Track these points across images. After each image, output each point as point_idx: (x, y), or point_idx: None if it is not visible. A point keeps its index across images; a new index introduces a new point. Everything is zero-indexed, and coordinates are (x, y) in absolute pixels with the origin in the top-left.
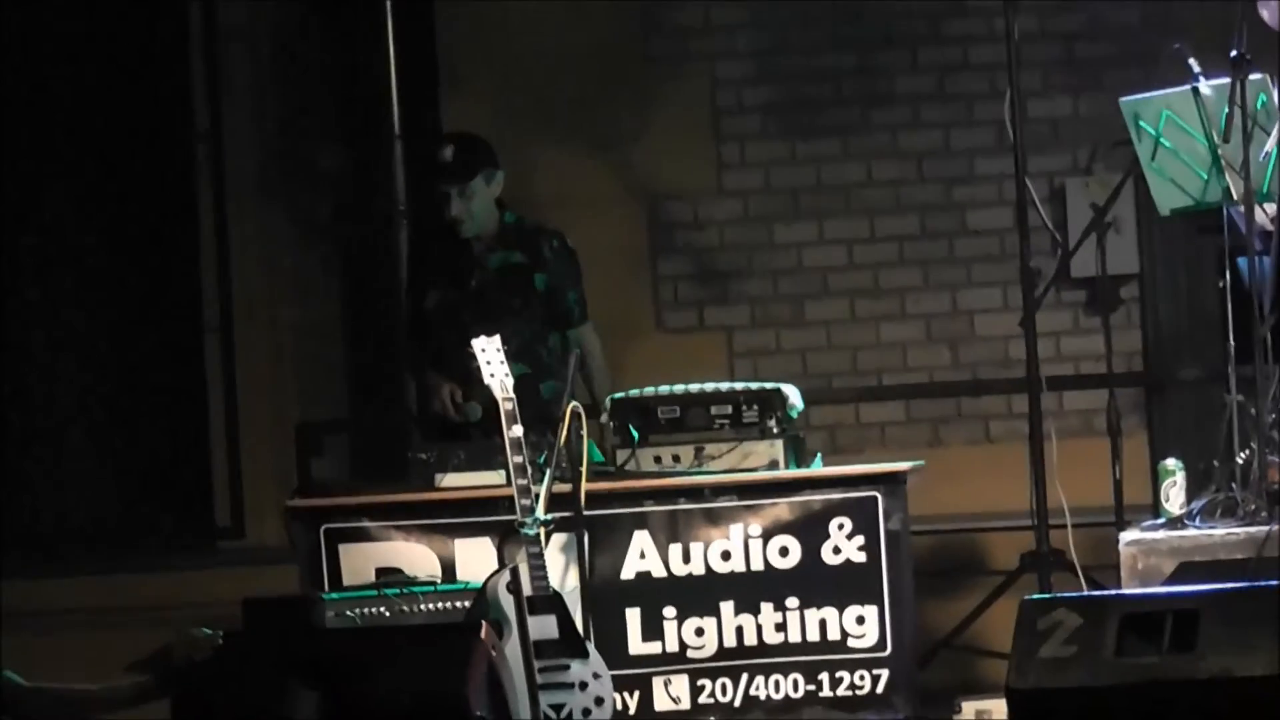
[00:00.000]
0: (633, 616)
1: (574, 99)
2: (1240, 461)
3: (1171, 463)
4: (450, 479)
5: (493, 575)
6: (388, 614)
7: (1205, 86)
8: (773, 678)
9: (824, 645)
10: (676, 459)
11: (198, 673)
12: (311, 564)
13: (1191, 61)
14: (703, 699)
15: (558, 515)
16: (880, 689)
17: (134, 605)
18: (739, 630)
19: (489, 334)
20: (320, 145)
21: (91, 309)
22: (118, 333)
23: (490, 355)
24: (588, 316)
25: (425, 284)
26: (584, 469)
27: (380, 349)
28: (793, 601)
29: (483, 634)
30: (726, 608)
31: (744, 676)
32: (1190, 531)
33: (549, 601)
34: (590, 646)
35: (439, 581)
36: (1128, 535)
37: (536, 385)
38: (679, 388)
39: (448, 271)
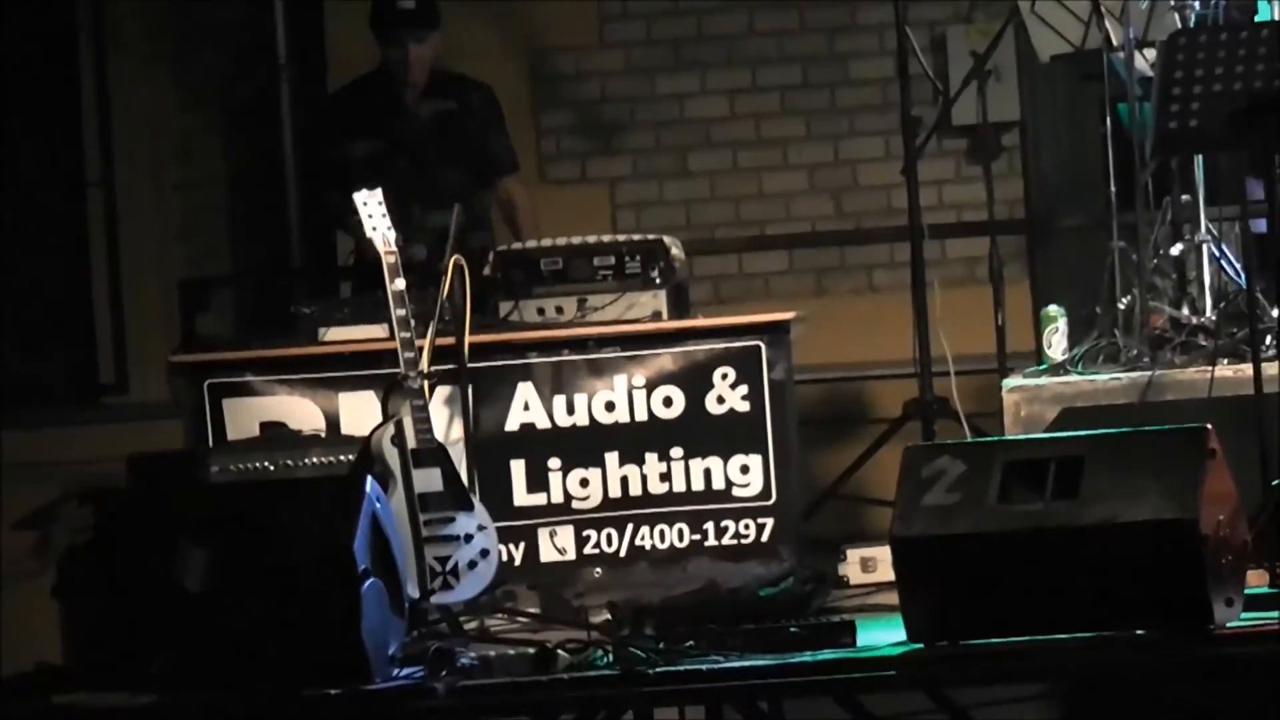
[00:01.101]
0: (517, 468)
1: None
2: (1122, 307)
3: (1054, 309)
4: (334, 333)
5: (377, 428)
6: (272, 468)
7: None
8: (658, 528)
9: (709, 495)
10: (560, 310)
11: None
12: (196, 420)
13: None
14: (588, 550)
15: (441, 368)
16: (765, 538)
17: (17, 462)
18: (624, 481)
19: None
20: None
21: None
22: None
23: (372, 209)
24: (518, 167)
25: (349, 133)
26: (467, 321)
27: (265, 204)
28: (677, 452)
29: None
30: (611, 458)
31: (629, 527)
32: (1073, 378)
33: (433, 454)
34: (475, 499)
35: (323, 435)
36: (1010, 383)
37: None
38: (561, 240)
39: (375, 121)
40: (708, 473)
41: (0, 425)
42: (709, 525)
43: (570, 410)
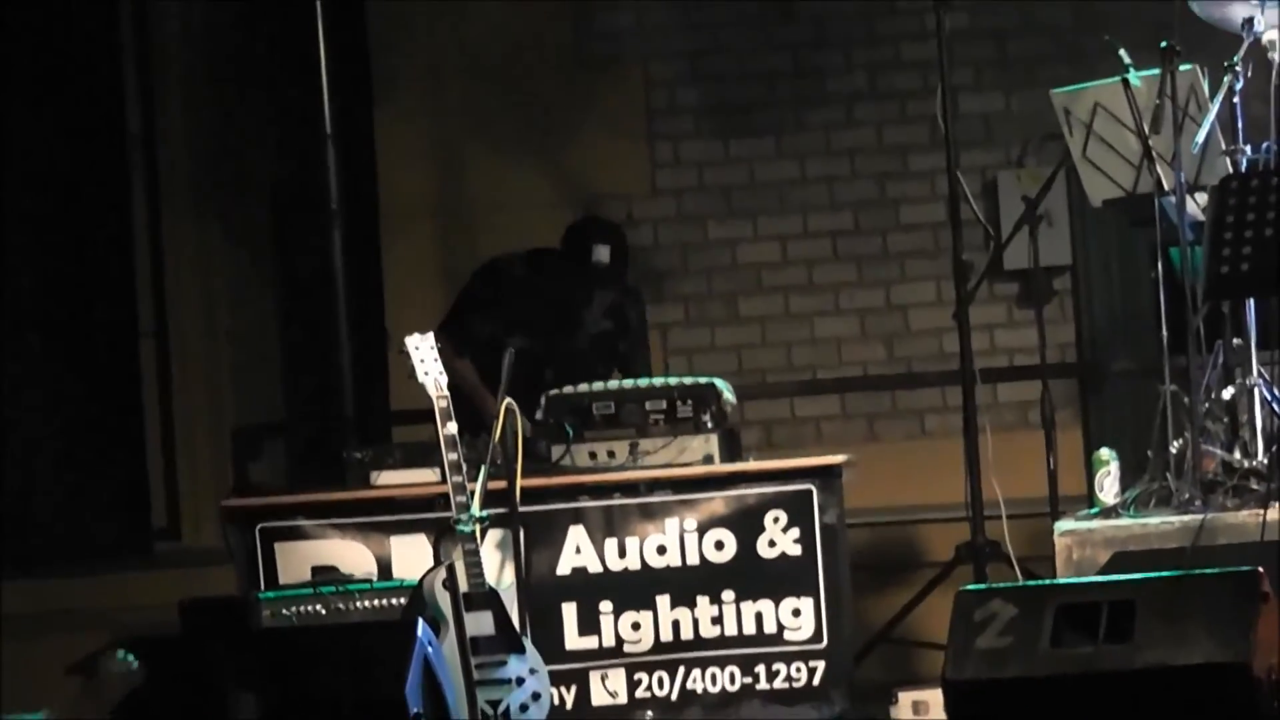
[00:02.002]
0: (569, 612)
1: (507, 100)
2: (1174, 451)
3: (1105, 453)
4: (385, 477)
5: (429, 572)
6: (324, 613)
7: (1135, 78)
8: (709, 671)
9: (760, 638)
10: (612, 455)
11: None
12: (248, 564)
13: (1122, 53)
14: (640, 693)
15: (493, 511)
16: (817, 681)
17: (70, 608)
18: (675, 624)
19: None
20: (254, 147)
21: (25, 313)
22: (52, 336)
23: (424, 354)
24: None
25: (509, 324)
26: (519, 465)
27: (315, 350)
28: (729, 595)
29: None
30: (663, 602)
31: (681, 670)
32: (1125, 521)
33: (485, 598)
34: (527, 642)
35: (375, 579)
36: (1062, 526)
37: None
38: (613, 384)
39: (539, 324)
40: (759, 616)
41: (53, 571)
42: (760, 669)
43: (622, 554)
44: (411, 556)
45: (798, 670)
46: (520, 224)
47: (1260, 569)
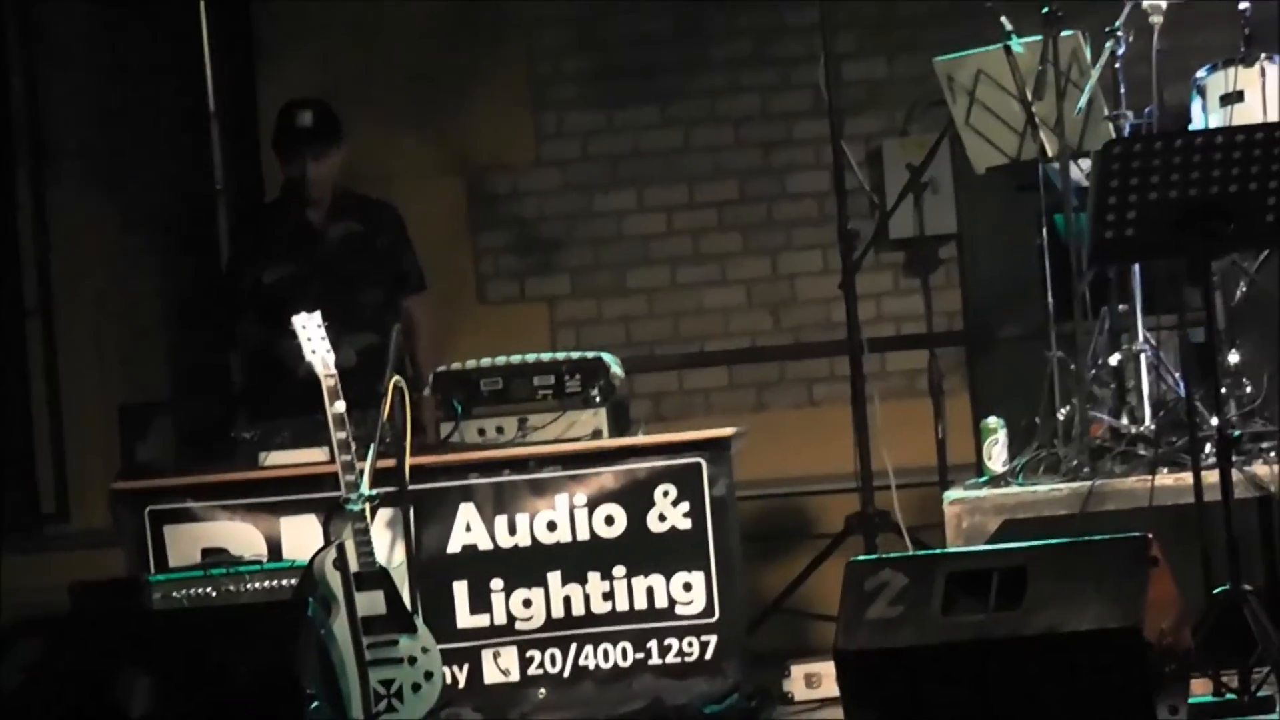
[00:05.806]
0: (460, 590)
1: (392, 70)
2: (1061, 418)
3: (993, 421)
4: (274, 457)
5: (319, 552)
6: (214, 594)
7: (1017, 44)
8: (602, 647)
9: (652, 613)
10: (500, 431)
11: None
12: (138, 546)
13: (1004, 20)
14: (532, 670)
15: (382, 490)
16: (709, 655)
17: None
18: (567, 600)
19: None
20: (142, 121)
21: None
22: None
23: (311, 332)
24: (425, 286)
25: (259, 260)
26: (408, 443)
27: (202, 329)
28: (619, 570)
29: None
30: (554, 578)
31: (573, 647)
32: (1013, 489)
33: (376, 577)
34: (418, 621)
35: (265, 560)
36: (951, 494)
37: (385, 355)
38: (501, 359)
39: (284, 246)
40: (650, 591)
41: None
42: (653, 643)
43: (512, 530)
44: (302, 537)
45: (690, 644)
46: (406, 197)
47: (1149, 534)
